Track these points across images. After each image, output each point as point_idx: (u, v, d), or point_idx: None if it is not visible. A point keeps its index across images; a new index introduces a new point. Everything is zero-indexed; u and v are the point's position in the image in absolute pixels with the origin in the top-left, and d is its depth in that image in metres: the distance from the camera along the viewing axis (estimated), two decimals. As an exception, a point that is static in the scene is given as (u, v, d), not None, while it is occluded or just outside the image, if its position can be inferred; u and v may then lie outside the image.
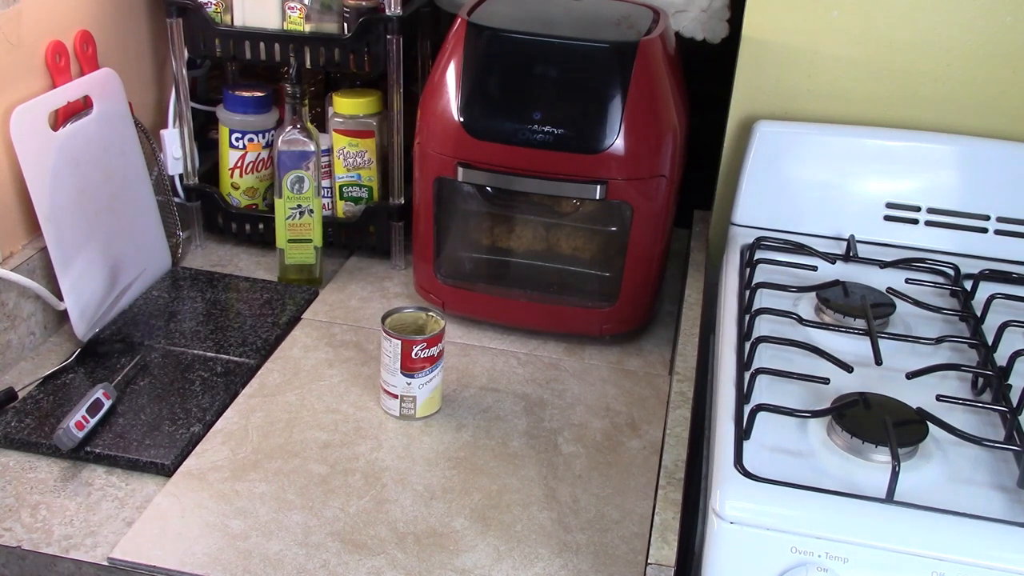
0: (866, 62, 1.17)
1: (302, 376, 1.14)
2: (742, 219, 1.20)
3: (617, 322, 1.21)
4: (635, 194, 1.13)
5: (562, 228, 1.24)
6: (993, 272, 1.10)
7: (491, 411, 1.09)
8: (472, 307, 1.24)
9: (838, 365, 0.90)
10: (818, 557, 0.73)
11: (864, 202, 1.17)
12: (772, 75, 1.20)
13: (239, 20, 1.29)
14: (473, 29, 1.13)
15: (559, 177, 1.12)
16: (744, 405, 0.85)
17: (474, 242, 1.28)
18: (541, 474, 0.99)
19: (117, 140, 1.24)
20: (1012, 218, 1.14)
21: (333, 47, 1.26)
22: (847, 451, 0.81)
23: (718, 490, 0.77)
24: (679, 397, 0.96)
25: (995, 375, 0.91)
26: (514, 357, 1.20)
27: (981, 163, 1.15)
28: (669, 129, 1.13)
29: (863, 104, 1.19)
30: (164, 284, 1.30)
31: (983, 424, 0.87)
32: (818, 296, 1.03)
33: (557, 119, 1.10)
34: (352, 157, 1.35)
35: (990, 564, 0.72)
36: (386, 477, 0.98)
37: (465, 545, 0.89)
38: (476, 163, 1.14)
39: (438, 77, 1.15)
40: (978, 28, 1.13)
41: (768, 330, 0.96)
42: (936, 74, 1.16)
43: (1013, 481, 0.79)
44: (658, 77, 1.12)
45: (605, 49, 1.11)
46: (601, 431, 1.06)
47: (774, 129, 1.18)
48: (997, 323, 0.98)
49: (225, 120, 1.38)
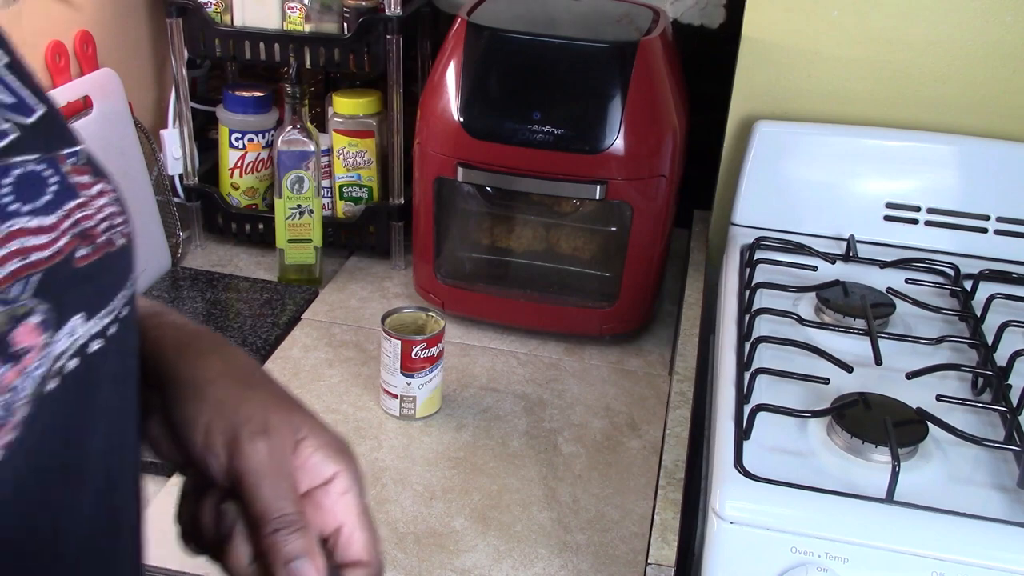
0: (866, 62, 1.17)
1: (302, 376, 1.14)
2: (742, 219, 1.20)
3: (617, 322, 1.21)
4: (635, 194, 1.13)
5: (562, 228, 1.24)
6: (993, 272, 1.10)
7: (491, 411, 1.09)
8: (472, 307, 1.24)
9: (838, 365, 0.90)
10: (818, 557, 0.73)
11: (864, 202, 1.17)
12: (772, 75, 1.20)
13: (239, 20, 1.29)
14: (473, 29, 1.13)
15: (559, 177, 1.12)
16: (744, 405, 0.85)
17: (474, 242, 1.28)
18: (541, 474, 0.99)
19: (117, 140, 1.24)
20: (1012, 218, 1.14)
21: (333, 47, 1.26)
22: (847, 451, 0.81)
23: (718, 490, 0.77)
24: (679, 397, 0.96)
25: (995, 375, 0.91)
26: (514, 357, 1.20)
27: (981, 163, 1.15)
28: (669, 129, 1.13)
29: (863, 104, 1.19)
30: (164, 284, 1.30)
31: (983, 424, 0.87)
32: (818, 296, 1.03)
33: (557, 119, 1.10)
34: (352, 157, 1.35)
35: (990, 564, 0.72)
36: (386, 477, 0.98)
37: (465, 545, 0.89)
38: (476, 163, 1.14)
39: (438, 77, 1.15)
40: (978, 28, 1.13)
41: (768, 330, 0.96)
42: (936, 74, 1.16)
43: (1013, 481, 0.79)
44: (658, 77, 1.12)
45: (605, 49, 1.11)
46: (601, 431, 1.06)
47: (774, 129, 1.18)
48: (997, 323, 0.98)
49: (225, 120, 1.38)
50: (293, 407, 0.49)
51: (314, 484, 0.48)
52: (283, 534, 0.45)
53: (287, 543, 0.45)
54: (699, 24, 1.31)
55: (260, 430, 0.47)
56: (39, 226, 0.38)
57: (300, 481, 0.48)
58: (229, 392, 0.48)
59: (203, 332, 0.53)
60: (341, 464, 0.49)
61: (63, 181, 0.40)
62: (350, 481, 0.49)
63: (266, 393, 0.49)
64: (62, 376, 0.38)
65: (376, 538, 0.50)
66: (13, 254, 0.36)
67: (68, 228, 0.39)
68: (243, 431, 0.46)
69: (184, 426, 0.48)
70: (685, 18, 1.31)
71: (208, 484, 0.48)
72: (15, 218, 0.37)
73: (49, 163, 0.39)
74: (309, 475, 0.48)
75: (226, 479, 0.47)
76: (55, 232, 0.38)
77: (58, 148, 0.40)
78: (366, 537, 0.49)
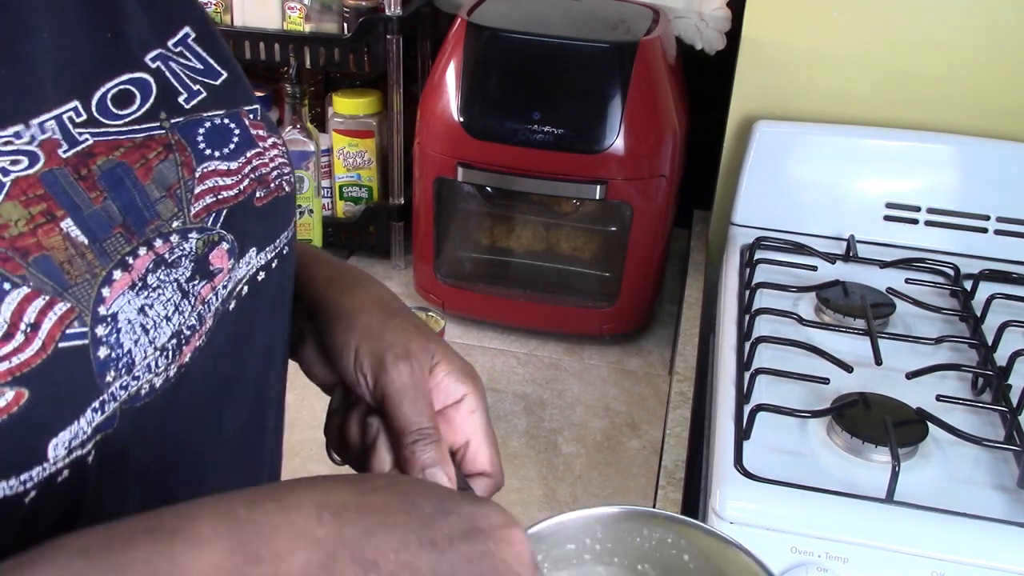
0: (866, 62, 1.17)
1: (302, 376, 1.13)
2: (742, 219, 1.20)
3: (617, 322, 1.21)
4: (635, 194, 1.13)
5: (562, 228, 1.24)
6: (993, 272, 1.10)
7: (491, 411, 1.08)
8: (472, 307, 1.24)
9: (838, 365, 0.90)
10: (818, 557, 0.73)
11: (864, 202, 1.17)
12: (772, 75, 1.20)
13: (239, 20, 1.29)
14: (473, 29, 1.13)
15: (559, 177, 1.12)
16: (744, 405, 0.85)
17: (474, 242, 1.28)
18: (541, 474, 0.99)
19: (117, 140, 1.25)
20: (1012, 218, 1.14)
21: (333, 47, 1.26)
22: (847, 451, 0.81)
23: (718, 490, 0.77)
24: (679, 397, 0.96)
25: (995, 375, 0.91)
26: (514, 357, 1.20)
27: (981, 163, 1.15)
28: (669, 129, 1.13)
29: (863, 104, 1.19)
30: (164, 284, 1.30)
31: (983, 424, 0.87)
32: (818, 296, 1.03)
33: (557, 119, 1.10)
34: (352, 157, 1.35)
35: (990, 564, 0.72)
36: (386, 477, 0.98)
37: (465, 545, 0.89)
38: (476, 163, 1.14)
39: (438, 77, 1.15)
40: (978, 28, 1.13)
41: (768, 330, 0.96)
42: (936, 74, 1.16)
43: (1013, 481, 0.79)
44: (658, 77, 1.12)
45: (605, 49, 1.11)
46: (601, 431, 1.06)
47: (774, 129, 1.18)
48: (997, 323, 0.98)
49: (225, 120, 1.38)
50: (430, 335, 0.54)
51: (446, 403, 0.54)
52: (420, 444, 0.50)
53: (424, 452, 0.50)
54: (700, 48, 1.31)
55: (402, 354, 0.52)
56: (227, 169, 0.45)
57: (434, 400, 0.53)
58: (373, 319, 0.53)
59: (350, 267, 0.60)
60: (469, 387, 0.54)
61: (244, 133, 0.47)
62: (477, 402, 0.55)
63: (406, 322, 0.54)
64: (238, 298, 0.46)
65: (498, 454, 0.55)
66: (207, 191, 0.44)
67: (248, 172, 0.46)
68: (388, 355, 0.52)
69: (336, 350, 0.53)
70: (686, 38, 1.31)
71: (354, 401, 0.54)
72: (208, 161, 0.44)
73: (232, 118, 0.47)
74: (442, 395, 0.53)
75: (372, 397, 0.52)
76: (239, 175, 0.46)
77: (240, 105, 0.48)
78: (491, 452, 0.55)
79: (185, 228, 0.42)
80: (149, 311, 0.40)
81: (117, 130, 0.41)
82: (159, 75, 0.44)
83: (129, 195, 0.40)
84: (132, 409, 0.40)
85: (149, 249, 0.40)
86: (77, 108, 0.40)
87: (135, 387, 0.40)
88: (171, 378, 0.42)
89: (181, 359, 0.42)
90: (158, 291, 0.40)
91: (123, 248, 0.39)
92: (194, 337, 0.43)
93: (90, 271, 0.38)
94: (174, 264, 0.41)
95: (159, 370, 0.41)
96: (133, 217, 0.40)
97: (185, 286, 0.42)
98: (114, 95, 0.41)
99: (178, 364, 0.42)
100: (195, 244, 0.42)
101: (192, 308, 0.42)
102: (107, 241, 0.39)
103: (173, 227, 0.41)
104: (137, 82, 0.43)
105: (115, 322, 0.38)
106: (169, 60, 0.45)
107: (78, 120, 0.40)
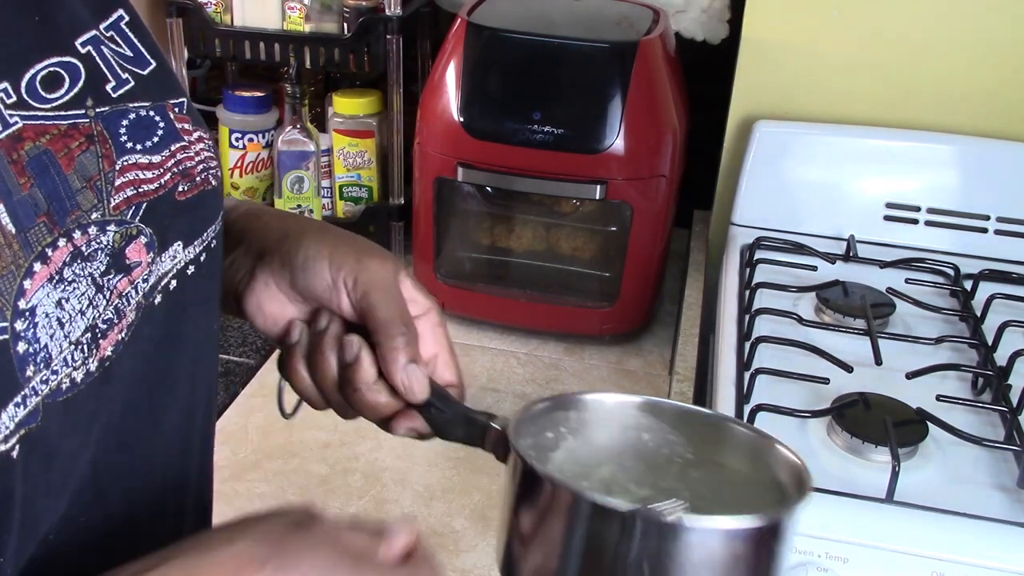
0: (866, 62, 1.17)
1: (302, 376, 1.14)
2: (742, 219, 1.20)
3: (617, 322, 1.21)
4: (635, 194, 1.13)
5: (562, 228, 1.24)
6: (993, 272, 1.10)
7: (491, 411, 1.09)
8: (472, 307, 1.24)
9: (838, 365, 0.90)
10: (818, 557, 0.73)
11: (864, 202, 1.17)
12: (772, 75, 1.20)
13: (239, 20, 1.29)
14: (473, 29, 1.13)
15: (559, 177, 1.12)
16: (744, 405, 0.85)
17: (474, 242, 1.28)
18: (541, 474, 0.99)
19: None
20: (1012, 218, 1.14)
21: (333, 47, 1.26)
22: (847, 451, 0.81)
23: (718, 490, 0.76)
24: (679, 397, 0.96)
25: (995, 375, 0.90)
26: (514, 357, 1.20)
27: (981, 163, 1.15)
28: (669, 129, 1.13)
29: (863, 104, 1.19)
30: (164, 284, 1.30)
31: (983, 424, 0.87)
32: (818, 296, 1.03)
33: (557, 119, 1.10)
34: (352, 157, 1.35)
35: (990, 564, 0.72)
36: (386, 477, 0.98)
37: (465, 545, 0.89)
38: (476, 163, 1.14)
39: (438, 77, 1.15)
40: (978, 28, 1.13)
41: (768, 330, 0.96)
42: (936, 74, 1.16)
43: (1013, 481, 0.79)
44: (658, 77, 1.12)
45: (605, 49, 1.11)
46: (601, 431, 1.06)
47: (774, 129, 1.18)
48: (997, 323, 0.98)
49: (225, 120, 1.38)
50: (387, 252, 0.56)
51: (416, 314, 0.55)
52: (406, 339, 0.52)
53: (407, 351, 0.52)
54: (702, 39, 1.31)
55: (379, 254, 0.54)
56: (148, 162, 0.45)
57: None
58: (341, 233, 0.56)
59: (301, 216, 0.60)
60: (431, 300, 0.56)
61: (169, 126, 0.46)
62: (439, 315, 0.56)
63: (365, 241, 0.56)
64: (165, 292, 0.46)
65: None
66: (127, 184, 0.43)
67: (172, 167, 0.46)
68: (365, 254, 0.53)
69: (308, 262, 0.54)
70: (687, 32, 1.31)
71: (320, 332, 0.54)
72: (129, 154, 0.44)
73: (158, 111, 0.46)
74: (411, 305, 0.55)
75: (352, 296, 0.53)
76: (160, 169, 0.45)
77: (166, 98, 0.47)
78: (455, 364, 0.57)
79: (104, 220, 0.42)
80: (65, 304, 0.40)
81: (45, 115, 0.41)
82: (88, 60, 0.44)
83: (53, 183, 0.40)
84: (56, 404, 0.40)
85: (68, 241, 0.40)
86: (7, 89, 0.40)
87: (55, 381, 0.40)
88: (92, 372, 0.41)
89: (100, 353, 0.42)
90: (73, 285, 0.40)
91: (44, 239, 0.39)
92: (112, 331, 0.42)
93: (15, 262, 0.38)
94: (89, 258, 0.41)
95: (76, 364, 0.41)
96: (56, 206, 0.40)
97: (100, 280, 0.41)
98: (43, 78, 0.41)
99: (98, 358, 0.42)
100: (112, 237, 0.42)
101: (107, 302, 0.42)
102: (31, 231, 0.39)
103: (92, 218, 0.41)
104: (66, 66, 0.43)
105: (33, 316, 0.38)
106: (100, 44, 0.45)
107: (8, 101, 0.39)
